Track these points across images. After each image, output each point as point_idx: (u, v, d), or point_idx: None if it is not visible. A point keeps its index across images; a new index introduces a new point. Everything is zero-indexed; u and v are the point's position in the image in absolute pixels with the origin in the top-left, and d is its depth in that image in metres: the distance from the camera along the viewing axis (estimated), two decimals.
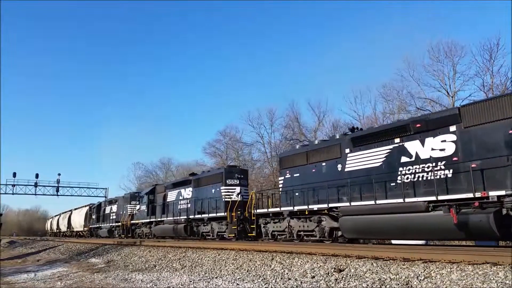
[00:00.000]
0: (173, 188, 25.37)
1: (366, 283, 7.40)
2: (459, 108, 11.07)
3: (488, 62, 25.92)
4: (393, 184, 12.18)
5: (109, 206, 37.18)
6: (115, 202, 35.63)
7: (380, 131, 12.95)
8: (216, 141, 46.18)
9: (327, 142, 15.37)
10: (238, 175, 20.24)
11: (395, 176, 12.16)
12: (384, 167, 12.54)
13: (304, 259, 9.76)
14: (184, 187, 23.88)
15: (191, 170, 47.73)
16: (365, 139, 13.32)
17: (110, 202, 37.37)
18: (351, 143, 13.71)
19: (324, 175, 14.55)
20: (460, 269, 6.83)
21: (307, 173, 15.38)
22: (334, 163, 14.28)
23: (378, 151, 12.81)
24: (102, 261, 18.07)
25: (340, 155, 14.09)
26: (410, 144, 11.98)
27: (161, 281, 10.90)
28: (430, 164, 11.40)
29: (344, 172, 13.79)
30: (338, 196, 13.78)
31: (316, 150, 15.30)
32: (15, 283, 13.62)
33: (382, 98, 32.82)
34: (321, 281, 8.11)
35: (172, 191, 25.37)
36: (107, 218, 36.91)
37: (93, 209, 41.90)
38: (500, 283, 6.00)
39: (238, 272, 10.40)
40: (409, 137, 12.02)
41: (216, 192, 20.43)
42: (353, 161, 13.57)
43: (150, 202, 27.48)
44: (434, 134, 11.41)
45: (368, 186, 12.72)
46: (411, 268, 7.48)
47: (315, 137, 36.19)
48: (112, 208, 35.88)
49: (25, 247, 36.56)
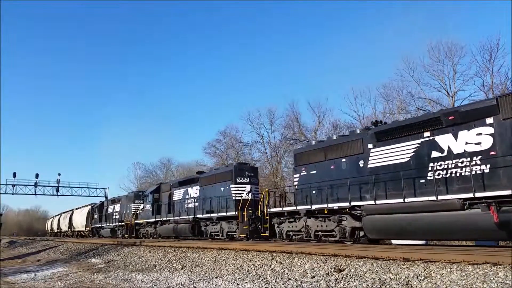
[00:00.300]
0: (179, 187, 24.51)
1: (366, 283, 7.34)
2: (497, 98, 10.24)
3: (488, 62, 25.82)
4: (423, 181, 11.34)
5: (111, 205, 36.34)
6: (118, 201, 34.81)
7: (408, 125, 12.09)
8: (216, 141, 46.18)
9: (347, 137, 14.52)
10: (248, 173, 19.42)
11: (425, 172, 11.32)
12: (412, 162, 11.70)
13: (304, 259, 9.63)
14: (191, 186, 23.03)
15: (191, 170, 47.67)
16: (390, 133, 12.47)
17: (113, 202, 36.51)
18: (375, 138, 12.87)
19: (344, 171, 13.70)
20: (460, 269, 6.75)
21: (325, 170, 14.54)
22: (355, 159, 13.43)
23: (406, 146, 11.96)
24: (102, 261, 17.89)
25: (362, 150, 13.24)
26: (441, 138, 11.14)
27: (161, 281, 10.85)
28: (464, 159, 10.56)
29: (367, 169, 12.95)
30: (360, 194, 12.95)
31: (335, 146, 14.45)
32: (15, 283, 13.42)
33: (382, 98, 32.81)
34: (321, 281, 8.06)
35: (178, 190, 24.52)
36: (109, 218, 36.08)
37: (95, 208, 41.04)
38: (500, 283, 5.94)
39: (238, 272, 10.31)
40: (440, 130, 11.18)
41: (225, 190, 19.59)
42: (377, 157, 12.73)
43: (155, 201, 26.63)
44: (469, 127, 10.57)
45: (395, 183, 11.89)
46: (411, 268, 7.40)
47: (315, 137, 36.36)
48: (115, 208, 35.03)
49: (25, 247, 36.17)
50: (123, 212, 32.61)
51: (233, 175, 19.15)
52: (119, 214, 33.64)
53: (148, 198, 27.83)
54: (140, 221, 28.52)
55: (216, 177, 20.84)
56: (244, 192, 18.82)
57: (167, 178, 52.61)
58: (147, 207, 27.82)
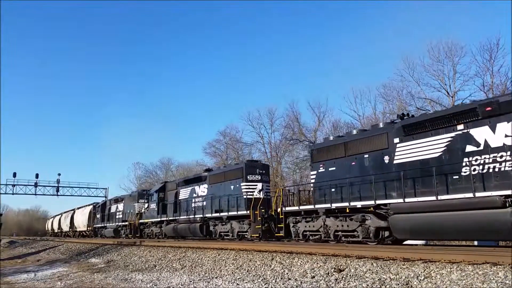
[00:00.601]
0: (186, 185, 23.64)
1: (366, 283, 7.29)
2: None
3: (488, 62, 25.67)
4: (456, 177, 10.53)
5: (114, 204, 35.45)
6: (121, 200, 33.95)
7: (439, 117, 11.26)
8: (216, 141, 45.89)
9: (370, 131, 13.68)
10: (259, 170, 18.54)
11: (458, 167, 10.51)
12: (444, 158, 10.89)
13: (304, 259, 9.57)
14: (198, 184, 22.17)
15: (191, 170, 47.46)
16: (419, 126, 11.65)
17: (116, 201, 35.61)
18: (402, 132, 12.05)
19: (367, 168, 12.90)
20: (460, 269, 6.70)
21: (345, 166, 13.72)
22: (379, 155, 12.61)
23: (436, 140, 11.15)
24: (102, 261, 17.76)
25: (387, 145, 12.43)
26: (477, 131, 10.32)
27: (161, 281, 10.82)
28: (503, 153, 9.75)
29: (393, 165, 12.13)
30: (385, 191, 12.13)
31: (356, 141, 13.63)
32: (15, 283, 13.26)
33: (382, 98, 32.65)
34: (321, 281, 8.02)
35: (185, 188, 23.67)
36: (112, 217, 35.19)
37: (97, 208, 40.15)
38: (500, 283, 5.89)
39: (238, 272, 10.26)
40: (476, 122, 10.37)
41: (235, 188, 18.73)
42: (405, 152, 11.91)
43: (161, 200, 25.76)
44: (509, 119, 9.76)
45: (424, 180, 11.10)
46: (411, 268, 7.34)
47: (315, 137, 36.55)
48: (118, 207, 34.18)
49: (25, 247, 35.91)
50: (126, 211, 31.67)
51: (244, 173, 18.31)
52: (122, 214, 32.70)
53: (153, 197, 27.04)
54: (145, 220, 27.70)
55: (225, 175, 19.99)
56: (256, 190, 18.00)
57: (167, 178, 52.10)
58: (152, 206, 27.01)
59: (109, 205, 37.11)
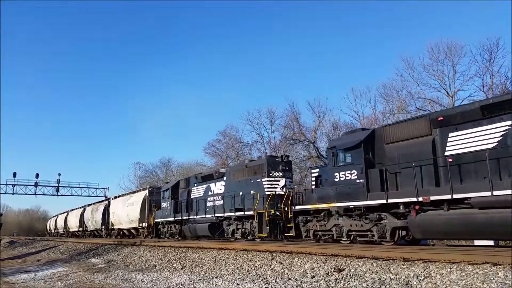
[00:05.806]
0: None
1: (366, 283, 7.28)
2: None
3: (488, 62, 25.85)
4: None
5: (202, 185, 22.44)
6: (221, 177, 20.82)
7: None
8: (216, 141, 46.11)
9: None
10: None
11: None
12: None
13: (304, 259, 9.58)
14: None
15: (191, 170, 47.36)
16: None
17: (205, 179, 22.50)
18: None
19: None
20: (460, 269, 6.66)
21: None
22: None
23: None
24: (102, 261, 17.81)
25: None
26: None
27: (161, 281, 10.85)
28: None
29: None
30: None
31: None
32: (15, 283, 13.17)
33: (382, 98, 32.84)
34: (321, 281, 8.02)
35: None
36: (200, 206, 22.17)
37: (165, 192, 26.40)
38: (500, 283, 5.86)
39: (238, 272, 10.28)
40: None
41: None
42: None
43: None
44: None
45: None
46: (411, 268, 7.31)
47: (314, 137, 36.84)
48: (210, 188, 21.61)
49: (25, 247, 35.93)
50: (236, 194, 18.76)
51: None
52: (224, 199, 19.64)
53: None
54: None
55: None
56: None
57: (167, 178, 51.96)
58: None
59: (187, 187, 24.17)
